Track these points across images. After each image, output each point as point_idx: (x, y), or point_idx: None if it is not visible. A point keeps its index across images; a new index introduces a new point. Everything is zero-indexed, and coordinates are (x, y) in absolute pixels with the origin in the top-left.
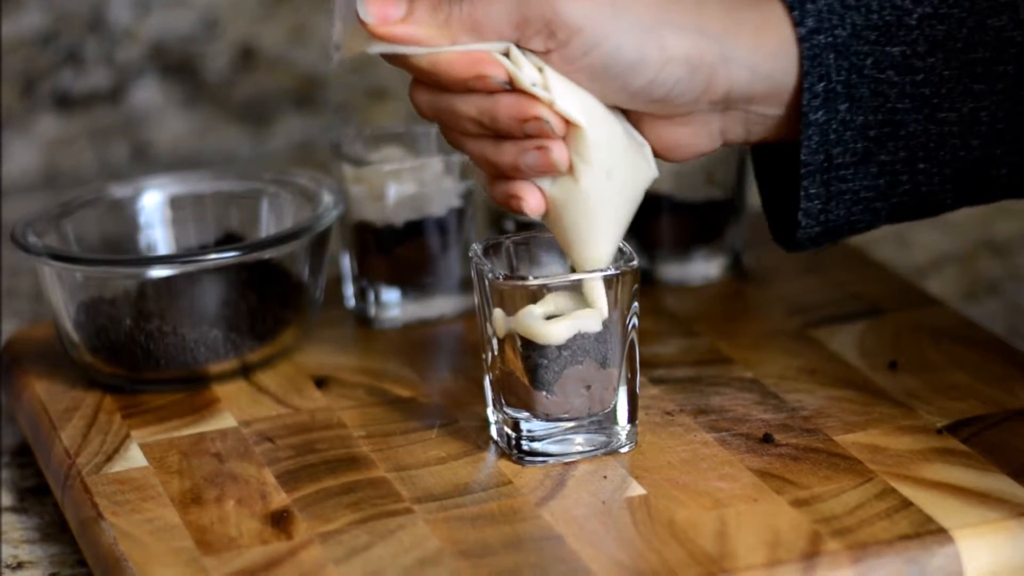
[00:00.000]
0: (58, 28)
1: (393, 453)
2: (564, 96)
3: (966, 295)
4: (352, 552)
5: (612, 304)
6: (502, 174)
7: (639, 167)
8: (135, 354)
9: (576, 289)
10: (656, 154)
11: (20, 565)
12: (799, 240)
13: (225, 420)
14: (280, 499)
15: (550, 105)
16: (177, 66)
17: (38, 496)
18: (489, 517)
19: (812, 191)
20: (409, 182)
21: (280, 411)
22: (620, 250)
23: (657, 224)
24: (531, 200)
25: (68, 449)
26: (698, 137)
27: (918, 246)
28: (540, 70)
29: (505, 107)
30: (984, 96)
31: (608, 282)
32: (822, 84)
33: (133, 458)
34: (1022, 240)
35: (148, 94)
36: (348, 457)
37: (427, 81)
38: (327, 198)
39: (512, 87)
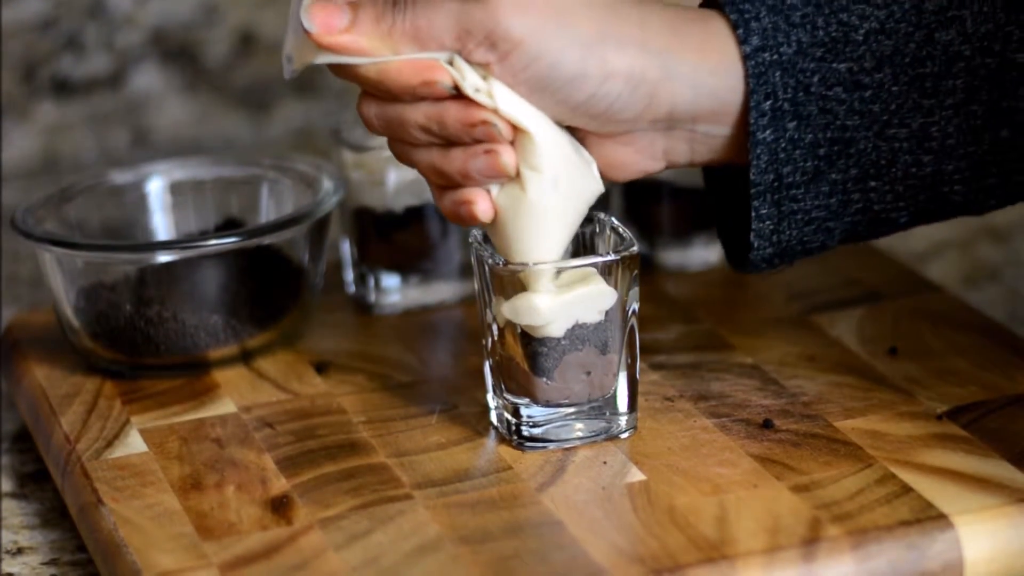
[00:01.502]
0: (58, 14)
1: (393, 439)
2: (509, 103)
3: (966, 281)
4: (352, 538)
5: (613, 290)
6: (450, 183)
7: (586, 180)
8: (135, 340)
9: (581, 275)
10: (600, 172)
11: (20, 551)
12: (752, 261)
13: (225, 406)
14: (280, 485)
15: (495, 111)
16: (177, 52)
17: (38, 482)
18: (489, 503)
19: (763, 211)
20: (409, 168)
21: (280, 397)
22: (620, 236)
23: (657, 210)
24: (481, 204)
25: (68, 435)
26: (641, 156)
27: (918, 232)
28: (485, 78)
29: (453, 112)
30: (934, 111)
31: (608, 268)
32: (769, 102)
33: (133, 444)
34: (1022, 226)
35: (148, 80)
36: (348, 443)
37: (375, 91)
38: (327, 184)
39: (459, 94)
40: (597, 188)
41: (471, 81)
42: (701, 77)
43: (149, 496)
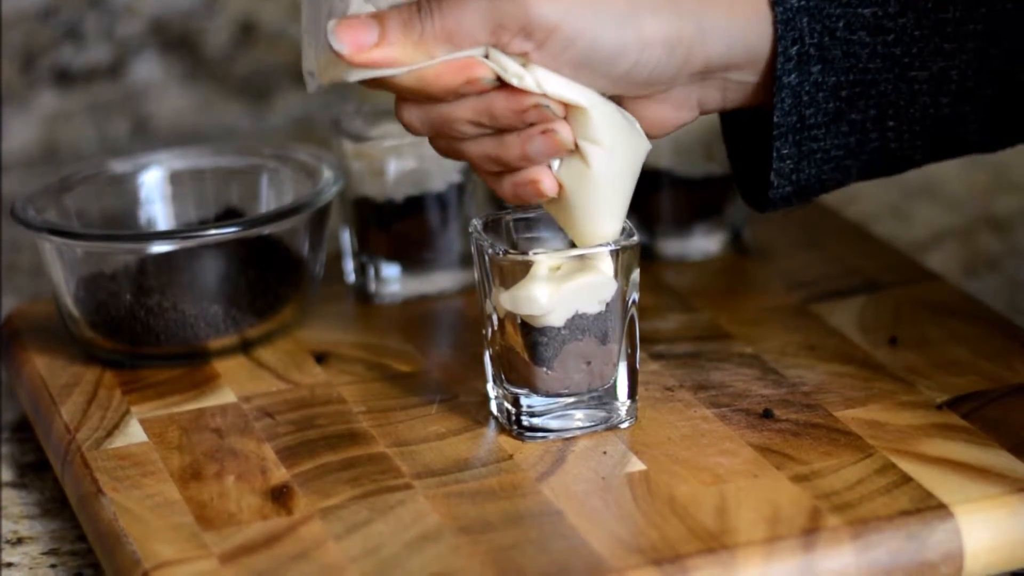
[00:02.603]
0: (58, 3)
1: (393, 428)
2: (555, 84)
3: (966, 271)
4: (352, 528)
5: (613, 280)
6: (508, 168)
7: (636, 142)
8: (135, 329)
9: (580, 265)
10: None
11: (20, 540)
12: (771, 200)
13: (225, 396)
14: (280, 474)
15: (543, 95)
16: (177, 41)
17: (38, 471)
18: (489, 493)
19: (784, 152)
20: (409, 157)
21: (280, 386)
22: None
23: (657, 200)
24: (547, 182)
25: (68, 424)
26: (678, 111)
27: (918, 221)
28: (524, 64)
29: (501, 103)
30: (954, 55)
31: (608, 258)
32: (795, 47)
33: (133, 433)
34: (1022, 216)
35: (148, 69)
36: (348, 432)
37: (415, 97)
38: (327, 174)
39: (502, 84)
40: (646, 147)
41: (513, 70)
42: (733, 30)
43: (149, 486)
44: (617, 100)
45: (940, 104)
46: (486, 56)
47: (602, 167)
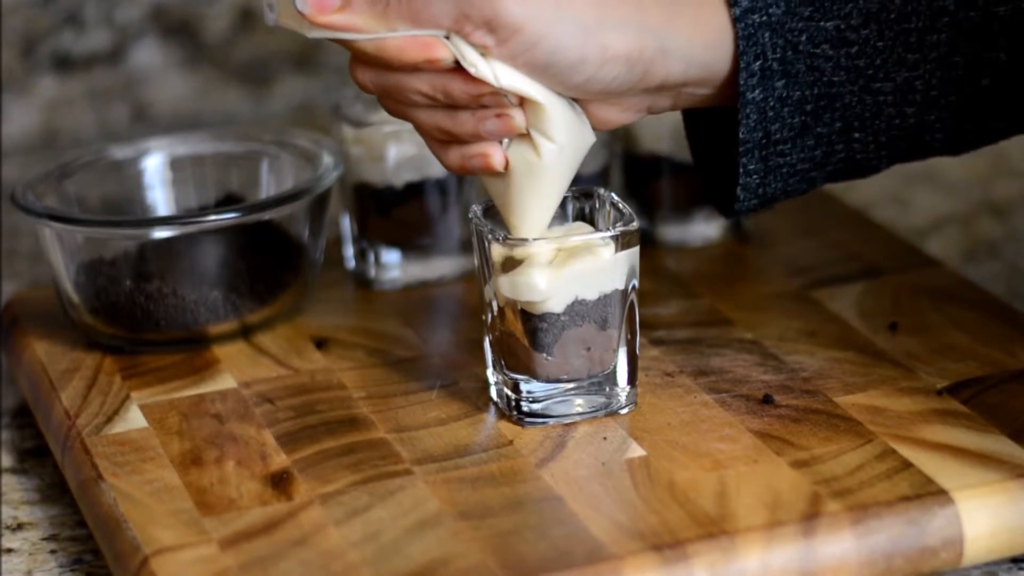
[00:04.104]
0: None
1: (393, 414)
2: (511, 79)
3: (966, 256)
4: (352, 513)
5: (612, 266)
6: (456, 140)
7: (584, 136)
8: (135, 315)
9: (580, 251)
10: None
11: (20, 526)
12: (736, 210)
13: (225, 381)
14: (280, 460)
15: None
16: (177, 27)
17: (38, 457)
18: (489, 478)
19: (751, 167)
20: (409, 143)
21: (280, 372)
22: (620, 211)
23: (657, 186)
24: (497, 157)
25: (68, 410)
26: (625, 113)
27: (918, 207)
28: (483, 55)
29: (459, 84)
30: (918, 65)
31: (608, 244)
32: (758, 63)
33: (133, 419)
34: (1022, 201)
35: (148, 55)
36: (348, 418)
37: (371, 63)
38: (327, 159)
39: (460, 66)
40: (591, 140)
41: (471, 59)
42: (694, 49)
43: (149, 472)
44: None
45: (905, 114)
46: (447, 37)
47: (551, 159)
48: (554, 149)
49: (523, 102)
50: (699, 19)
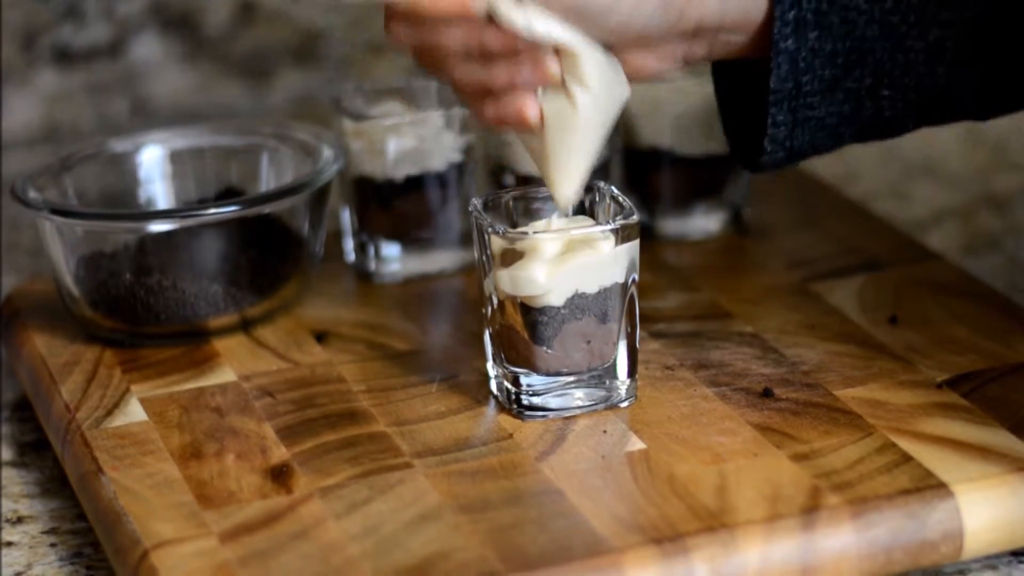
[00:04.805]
0: None
1: (393, 407)
2: (547, 27)
3: (966, 249)
4: (352, 506)
5: (612, 259)
6: (492, 93)
7: (618, 87)
8: (135, 308)
9: (580, 244)
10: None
11: (20, 519)
12: (763, 164)
13: (225, 374)
14: (280, 453)
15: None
16: (177, 21)
17: (38, 451)
18: (489, 471)
19: (779, 118)
20: (409, 136)
21: (280, 365)
22: (620, 204)
23: (657, 178)
24: (532, 110)
25: (68, 403)
26: (661, 61)
27: (918, 200)
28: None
29: (493, 36)
30: (951, 24)
31: (608, 237)
32: (793, 12)
33: (133, 412)
34: (1022, 194)
35: (148, 49)
36: (348, 411)
37: (406, 18)
38: (327, 153)
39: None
40: (626, 93)
41: (504, 8)
42: None
43: (149, 465)
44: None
45: (936, 74)
46: None
47: (586, 110)
48: (588, 98)
49: (558, 52)
50: None
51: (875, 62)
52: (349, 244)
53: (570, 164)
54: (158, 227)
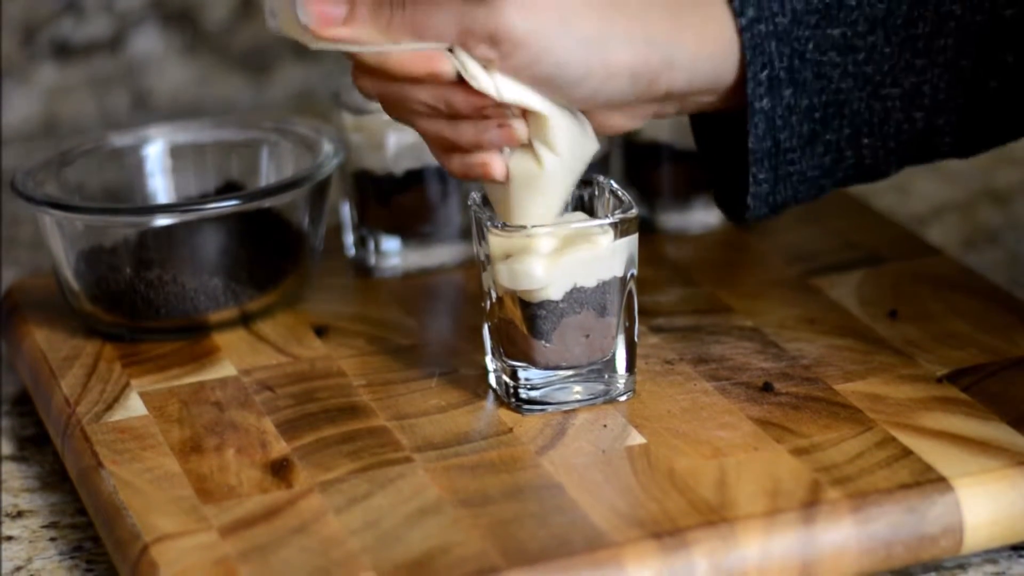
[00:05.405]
0: None
1: (393, 402)
2: (514, 92)
3: (966, 244)
4: (352, 501)
5: (611, 253)
6: (457, 149)
7: (585, 144)
8: (135, 303)
9: (579, 238)
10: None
11: (20, 514)
12: (747, 219)
13: (225, 369)
14: (280, 448)
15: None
16: (177, 15)
17: (38, 445)
18: (489, 466)
19: (761, 176)
20: (409, 131)
21: (280, 360)
22: (619, 199)
23: (657, 173)
24: (498, 167)
25: (68, 398)
26: (631, 120)
27: (918, 195)
28: (486, 67)
29: (461, 96)
30: (926, 70)
31: (607, 231)
32: (765, 72)
33: (133, 407)
34: (1022, 189)
35: (148, 43)
36: (348, 406)
37: (374, 73)
38: (327, 147)
39: (463, 78)
40: (594, 147)
41: (473, 72)
42: (700, 62)
43: (149, 459)
44: None
45: (914, 119)
46: (450, 50)
47: (552, 169)
48: (555, 159)
49: (525, 113)
50: (705, 30)
51: (852, 112)
52: (349, 238)
53: (533, 216)
54: (158, 221)
